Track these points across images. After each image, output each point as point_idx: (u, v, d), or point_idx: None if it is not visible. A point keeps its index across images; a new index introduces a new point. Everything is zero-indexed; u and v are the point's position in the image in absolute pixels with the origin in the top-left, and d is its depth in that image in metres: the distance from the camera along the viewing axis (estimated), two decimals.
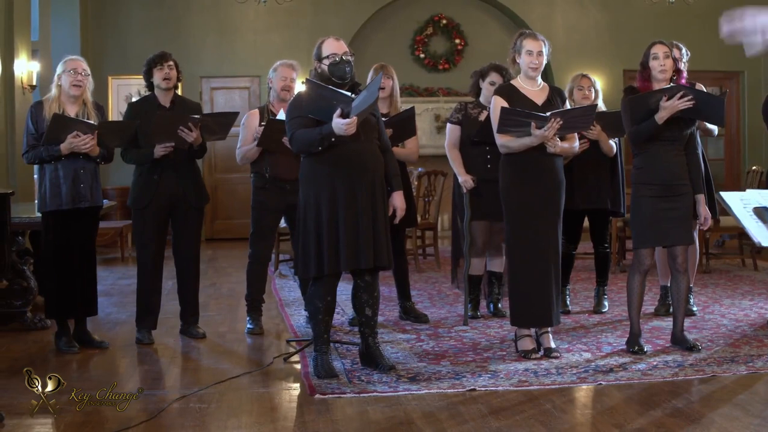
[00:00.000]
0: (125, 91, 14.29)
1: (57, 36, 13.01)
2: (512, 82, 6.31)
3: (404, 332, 7.08)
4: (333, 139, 5.52)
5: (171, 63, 6.94)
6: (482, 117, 7.42)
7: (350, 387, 5.50)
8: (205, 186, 7.34)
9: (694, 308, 7.63)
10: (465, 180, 7.38)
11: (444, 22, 15.43)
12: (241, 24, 14.62)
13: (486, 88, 7.48)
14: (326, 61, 5.79)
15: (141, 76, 7.03)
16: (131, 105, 7.21)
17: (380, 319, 7.17)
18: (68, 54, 12.89)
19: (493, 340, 6.76)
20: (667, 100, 5.99)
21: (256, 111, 7.32)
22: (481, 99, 7.54)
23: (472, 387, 5.48)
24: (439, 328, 7.27)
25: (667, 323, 7.12)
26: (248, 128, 7.15)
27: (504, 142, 6.09)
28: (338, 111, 5.45)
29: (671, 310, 7.51)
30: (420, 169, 11.34)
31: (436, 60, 15.27)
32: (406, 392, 5.37)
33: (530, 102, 6.15)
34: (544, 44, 6.21)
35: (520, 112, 5.90)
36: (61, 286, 6.56)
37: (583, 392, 5.40)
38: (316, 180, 5.67)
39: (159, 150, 6.69)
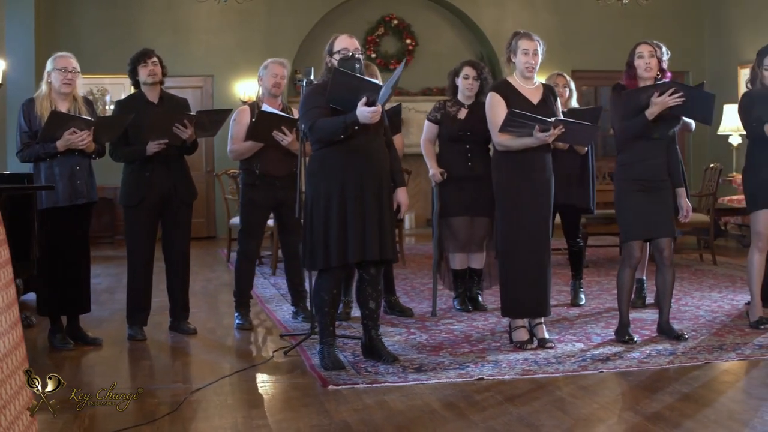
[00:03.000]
0: (80, 90, 14.13)
1: (11, 35, 12.86)
2: (508, 79, 6.43)
3: (393, 326, 7.18)
4: (356, 128, 5.60)
5: (155, 59, 6.97)
6: (461, 115, 7.56)
7: (360, 378, 5.58)
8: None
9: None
10: (434, 173, 7.53)
11: (395, 22, 15.57)
12: (194, 24, 14.60)
13: (461, 83, 7.59)
14: (337, 56, 5.88)
15: (96, 75, 7.04)
16: (119, 103, 7.22)
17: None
18: (22, 53, 12.86)
19: (483, 332, 6.90)
20: (659, 96, 6.17)
21: (246, 107, 7.38)
22: (459, 96, 7.66)
23: (480, 376, 5.59)
24: (425, 321, 7.38)
25: (647, 314, 7.34)
26: (240, 124, 7.20)
27: (503, 141, 6.22)
28: (363, 99, 5.54)
29: (647, 302, 7.78)
30: None
31: (387, 60, 15.38)
32: (417, 382, 5.47)
33: (526, 100, 6.29)
34: (539, 44, 6.35)
35: (526, 116, 6.04)
36: (55, 283, 6.54)
37: (589, 380, 5.53)
38: (326, 173, 5.74)
39: (152, 147, 6.70)
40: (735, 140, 13.72)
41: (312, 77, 6.63)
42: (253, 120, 7.04)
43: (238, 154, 7.27)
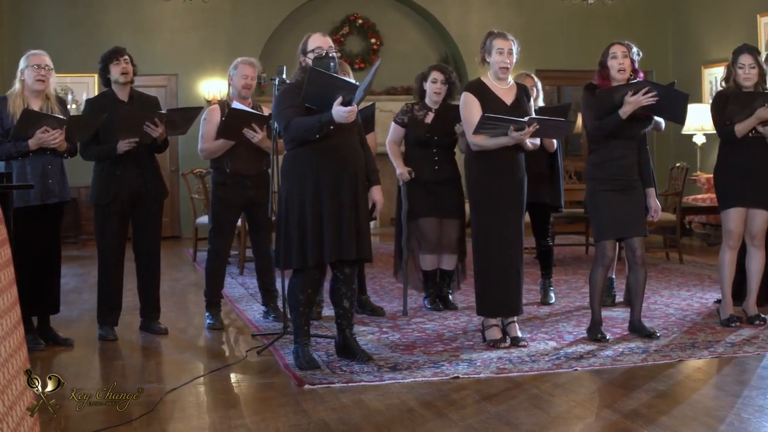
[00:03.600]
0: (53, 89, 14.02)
1: None
2: (482, 79, 6.44)
3: (364, 325, 7.17)
4: (332, 127, 5.58)
5: (126, 57, 6.90)
6: (428, 119, 7.57)
7: (335, 377, 5.56)
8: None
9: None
10: (401, 173, 7.53)
11: (360, 21, 15.56)
12: (158, 23, 14.51)
13: (429, 87, 7.59)
14: (311, 55, 5.85)
15: (59, 74, 6.98)
16: (89, 101, 7.16)
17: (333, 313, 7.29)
18: None
19: (455, 331, 6.90)
20: (633, 95, 6.21)
21: (217, 106, 7.35)
22: (427, 100, 7.65)
23: (455, 375, 5.60)
24: (397, 320, 7.38)
25: (617, 313, 7.38)
26: (210, 123, 7.17)
27: (477, 141, 6.22)
28: (339, 99, 5.52)
29: (617, 300, 7.82)
30: None
31: (352, 59, 15.33)
32: (393, 381, 5.46)
33: (500, 101, 6.30)
34: (514, 43, 6.35)
35: (500, 118, 6.04)
36: (25, 283, 6.45)
37: (564, 378, 5.55)
38: (300, 173, 5.72)
39: (123, 145, 6.65)
40: (699, 139, 13.83)
41: (284, 76, 6.61)
42: (223, 118, 7.01)
43: (209, 153, 7.23)
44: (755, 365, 5.74)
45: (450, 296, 7.90)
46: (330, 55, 5.85)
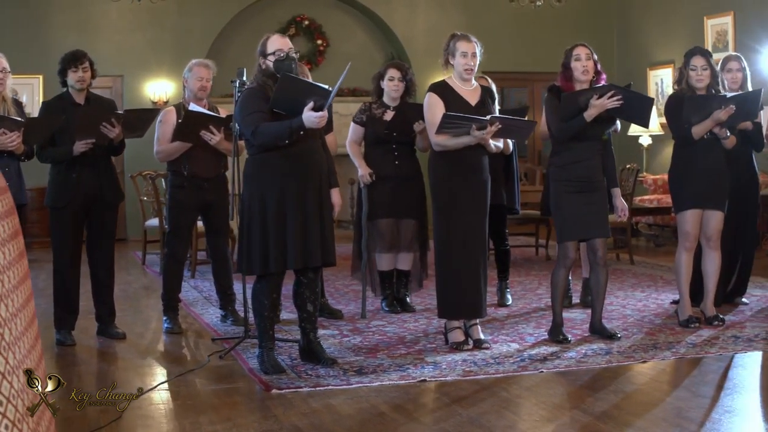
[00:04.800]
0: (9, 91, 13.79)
1: None
2: (446, 80, 6.43)
3: (324, 328, 7.10)
4: (302, 132, 5.54)
5: (86, 65, 6.77)
6: (387, 117, 7.55)
7: (302, 381, 5.53)
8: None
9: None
10: (363, 174, 7.52)
11: (306, 23, 15.48)
12: (104, 23, 14.31)
13: (387, 85, 7.58)
14: (272, 57, 5.80)
15: None
16: (45, 104, 7.05)
17: (292, 316, 7.25)
18: None
19: (416, 334, 6.90)
20: (598, 98, 6.25)
21: (172, 108, 7.27)
22: (384, 98, 7.64)
23: (422, 378, 5.59)
24: (356, 323, 7.36)
25: (575, 314, 7.43)
26: (166, 124, 7.10)
27: (440, 141, 6.21)
28: (310, 104, 5.48)
29: (573, 302, 7.88)
30: None
31: (298, 60, 15.25)
32: (360, 385, 5.44)
33: (464, 102, 6.30)
34: (477, 45, 6.36)
35: (461, 117, 6.05)
36: None
37: (531, 380, 5.57)
38: (262, 178, 5.66)
39: (79, 146, 6.56)
40: (645, 141, 13.97)
41: (245, 78, 6.56)
42: (180, 120, 6.94)
43: (165, 155, 7.16)
44: (719, 366, 5.80)
45: (407, 298, 7.89)
46: (291, 56, 5.81)
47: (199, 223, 7.59)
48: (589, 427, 4.61)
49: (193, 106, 7.00)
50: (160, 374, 5.90)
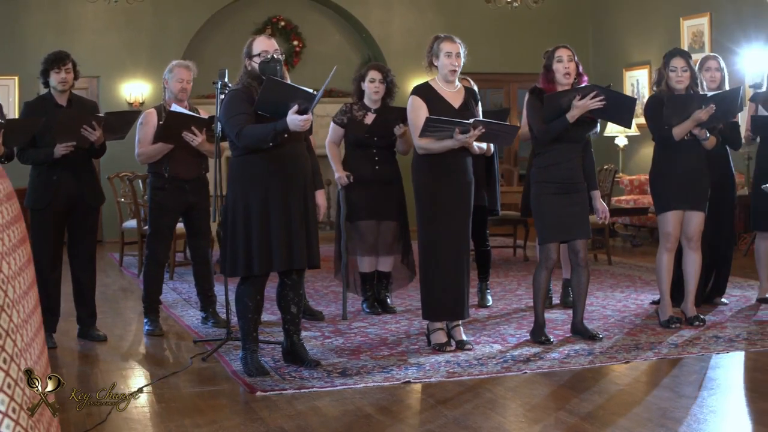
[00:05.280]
0: None
1: None
2: (430, 82, 6.43)
3: (305, 330, 7.06)
4: (286, 135, 5.53)
5: (69, 66, 6.75)
6: (367, 120, 7.54)
7: (287, 383, 5.52)
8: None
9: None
10: (340, 176, 7.51)
11: (282, 23, 15.45)
12: (79, 24, 14.23)
13: (367, 87, 7.57)
14: (257, 59, 5.80)
15: None
16: (27, 104, 7.00)
17: (273, 317, 7.25)
18: None
19: (398, 335, 6.91)
20: (580, 99, 6.27)
21: (153, 110, 7.24)
22: (365, 100, 7.63)
23: (406, 379, 5.60)
24: (337, 324, 7.35)
25: (556, 315, 7.45)
26: (148, 126, 7.07)
27: (423, 144, 6.22)
28: (295, 107, 5.47)
29: (553, 302, 7.90)
30: None
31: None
32: (345, 386, 5.44)
33: (447, 104, 6.31)
34: (461, 46, 6.37)
35: (444, 120, 6.06)
36: None
37: (514, 381, 5.58)
38: (249, 179, 5.65)
39: (60, 149, 6.52)
40: (621, 141, 14.04)
41: (226, 79, 6.55)
42: (161, 122, 6.92)
43: (146, 157, 7.13)
44: (702, 366, 5.83)
45: (388, 299, 7.89)
46: (276, 58, 5.81)
47: (178, 225, 7.54)
48: (576, 427, 4.63)
49: (176, 107, 6.98)
50: (142, 377, 5.88)
